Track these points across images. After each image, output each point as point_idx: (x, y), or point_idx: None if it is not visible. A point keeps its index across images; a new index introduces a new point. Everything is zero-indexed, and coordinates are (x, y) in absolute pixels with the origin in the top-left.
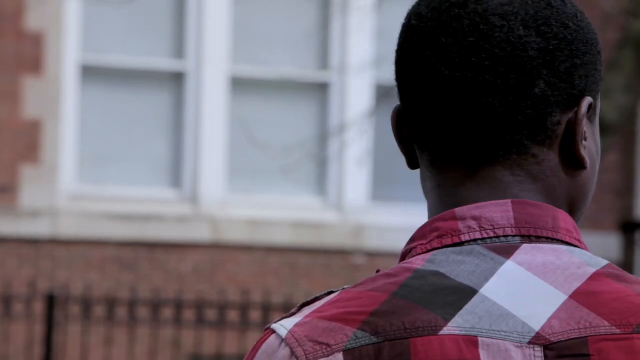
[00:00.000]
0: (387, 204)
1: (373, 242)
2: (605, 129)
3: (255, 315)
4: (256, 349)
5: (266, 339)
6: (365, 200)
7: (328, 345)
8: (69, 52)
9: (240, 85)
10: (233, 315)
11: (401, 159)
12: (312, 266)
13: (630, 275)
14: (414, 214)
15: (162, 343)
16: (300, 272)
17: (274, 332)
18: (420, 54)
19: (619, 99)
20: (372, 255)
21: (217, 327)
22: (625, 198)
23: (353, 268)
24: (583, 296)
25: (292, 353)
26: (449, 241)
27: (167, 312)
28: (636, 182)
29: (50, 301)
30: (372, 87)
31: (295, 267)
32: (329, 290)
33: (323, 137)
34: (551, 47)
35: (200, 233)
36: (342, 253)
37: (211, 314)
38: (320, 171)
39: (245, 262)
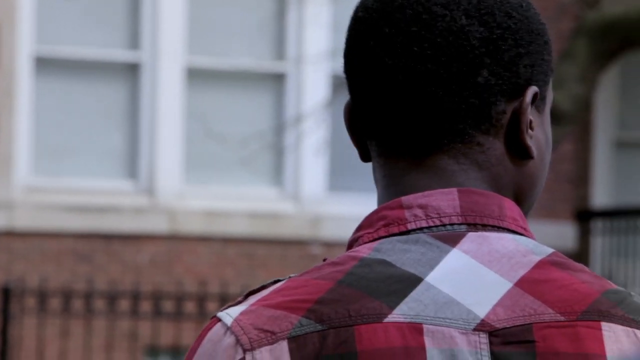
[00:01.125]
0: (344, 194)
1: (330, 232)
2: (559, 119)
3: (212, 306)
4: (202, 337)
5: (212, 327)
6: (322, 191)
7: (273, 332)
8: (22, 43)
9: (196, 77)
10: (190, 307)
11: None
12: (269, 256)
13: (575, 263)
14: (370, 204)
15: (119, 335)
16: (257, 263)
17: (219, 320)
18: (365, 44)
19: (573, 88)
20: (329, 245)
21: (174, 319)
22: (580, 187)
23: (310, 258)
24: (528, 284)
25: (237, 341)
26: (395, 230)
27: (124, 304)
28: (591, 172)
29: (6, 294)
30: (328, 78)
31: (253, 258)
32: (276, 279)
33: (280, 127)
34: (494, 36)
35: (157, 224)
36: (299, 243)
37: (168, 305)
38: (277, 162)
39: (203, 253)
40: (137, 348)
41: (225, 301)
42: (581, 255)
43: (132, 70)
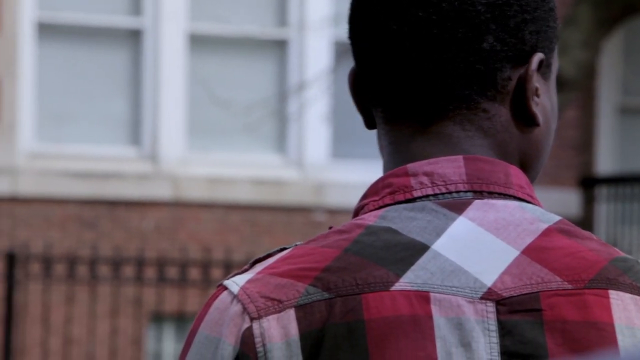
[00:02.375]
0: (347, 161)
1: (333, 199)
2: (563, 85)
3: (216, 272)
4: (208, 305)
5: (218, 296)
6: (326, 158)
7: (280, 301)
8: (25, 10)
9: (198, 43)
10: (194, 273)
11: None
12: (273, 223)
13: (582, 231)
14: (374, 171)
15: (124, 301)
16: (261, 229)
17: (226, 288)
18: (370, 10)
19: (576, 54)
20: (333, 212)
21: (179, 285)
22: (584, 154)
23: (314, 225)
24: (535, 252)
25: (244, 309)
26: (401, 197)
27: (129, 270)
28: (595, 138)
29: (11, 260)
30: (331, 45)
31: (256, 225)
32: (282, 247)
33: (283, 94)
34: (500, 1)
35: (160, 191)
36: (302, 210)
37: (172, 272)
38: (280, 129)
39: (206, 219)
40: (141, 314)
41: (230, 268)
42: (585, 222)
43: (134, 37)
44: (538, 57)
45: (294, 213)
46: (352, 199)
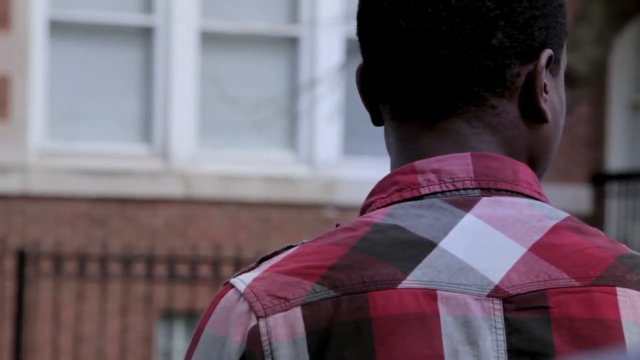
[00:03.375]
0: (358, 158)
1: (344, 196)
2: (575, 81)
3: (227, 270)
4: (214, 304)
5: (224, 294)
6: (336, 155)
7: (286, 299)
8: (36, 7)
9: (209, 40)
10: (205, 270)
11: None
12: (284, 220)
13: (590, 228)
14: (384, 168)
15: (134, 298)
16: (271, 227)
17: (232, 286)
18: (379, 7)
19: (588, 50)
20: (344, 209)
21: (189, 282)
22: (595, 150)
23: (324, 222)
24: (542, 249)
25: (250, 307)
26: (408, 195)
27: (139, 268)
28: (606, 134)
29: (21, 257)
30: (342, 41)
31: (267, 222)
32: (288, 245)
33: (294, 91)
34: None
35: (171, 188)
36: (313, 207)
37: (183, 269)
38: (291, 126)
39: (217, 217)
40: (152, 312)
41: (240, 265)
42: (596, 218)
43: (146, 34)
44: (547, 53)
45: (304, 210)
46: (363, 196)
